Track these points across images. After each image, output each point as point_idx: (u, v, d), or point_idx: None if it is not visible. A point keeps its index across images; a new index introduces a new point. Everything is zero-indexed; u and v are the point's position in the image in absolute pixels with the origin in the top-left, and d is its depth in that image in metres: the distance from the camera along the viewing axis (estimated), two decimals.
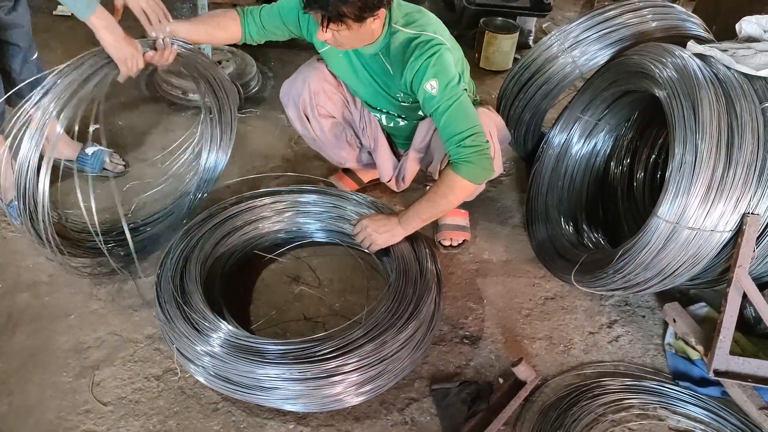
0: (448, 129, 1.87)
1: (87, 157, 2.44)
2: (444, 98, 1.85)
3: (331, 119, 2.24)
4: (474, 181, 1.89)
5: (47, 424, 1.64)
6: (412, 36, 1.88)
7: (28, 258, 2.09)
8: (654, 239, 1.79)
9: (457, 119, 1.86)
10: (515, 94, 2.50)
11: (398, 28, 1.88)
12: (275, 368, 1.63)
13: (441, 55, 1.85)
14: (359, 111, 2.26)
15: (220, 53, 3.13)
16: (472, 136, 1.85)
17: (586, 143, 2.38)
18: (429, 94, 1.85)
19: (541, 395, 1.83)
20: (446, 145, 1.90)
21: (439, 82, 1.84)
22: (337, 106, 2.22)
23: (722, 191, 1.73)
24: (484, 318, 2.06)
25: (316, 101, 2.16)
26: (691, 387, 1.86)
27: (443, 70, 1.85)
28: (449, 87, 1.85)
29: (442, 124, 1.88)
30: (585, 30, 2.36)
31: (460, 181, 1.88)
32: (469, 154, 1.85)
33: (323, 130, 2.23)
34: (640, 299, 2.19)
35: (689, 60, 1.89)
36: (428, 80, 1.84)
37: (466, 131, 1.85)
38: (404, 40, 1.88)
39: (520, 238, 2.41)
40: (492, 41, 3.42)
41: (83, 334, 1.87)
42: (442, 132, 1.89)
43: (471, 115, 1.89)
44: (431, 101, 1.86)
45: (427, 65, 1.84)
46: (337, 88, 2.20)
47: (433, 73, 1.84)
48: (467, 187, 1.90)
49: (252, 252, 2.14)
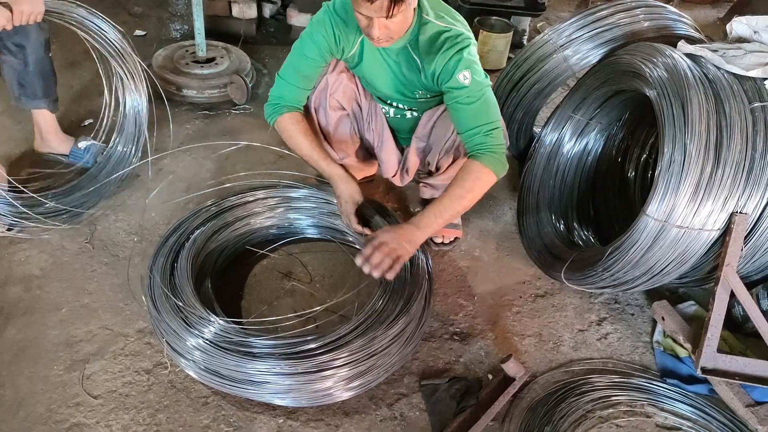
0: (474, 119, 1.88)
1: (80, 151, 2.44)
2: (475, 89, 1.86)
3: (340, 111, 2.22)
4: (497, 173, 1.87)
5: (37, 417, 1.64)
6: (443, 29, 1.88)
7: (20, 252, 2.09)
8: (643, 237, 1.80)
9: (486, 111, 1.88)
10: (508, 92, 2.51)
11: (429, 20, 1.88)
12: (265, 363, 1.64)
13: (471, 49, 1.88)
14: (368, 103, 2.25)
15: (214, 49, 3.13)
16: (497, 129, 1.88)
17: (577, 142, 2.39)
18: (461, 84, 1.85)
19: (530, 391, 1.84)
20: (468, 134, 1.89)
21: (472, 74, 1.85)
22: (349, 98, 2.21)
23: (711, 190, 1.74)
24: (475, 315, 2.07)
25: (331, 92, 2.15)
26: (679, 384, 1.88)
27: (473, 63, 1.87)
28: (480, 80, 1.87)
29: (469, 114, 1.88)
30: (577, 29, 2.37)
31: (487, 173, 1.85)
32: (495, 145, 1.86)
33: (329, 122, 2.22)
34: (630, 297, 2.20)
35: (679, 60, 1.90)
36: (461, 71, 1.84)
37: (492, 123, 1.87)
38: (434, 33, 1.88)
39: (512, 236, 2.43)
40: (486, 40, 3.44)
41: (74, 328, 1.87)
42: (466, 122, 1.89)
43: (496, 110, 1.92)
44: (461, 90, 1.86)
45: (460, 57, 1.84)
46: (351, 78, 2.19)
47: (466, 65, 1.85)
48: (491, 179, 1.87)
49: (244, 247, 2.15)
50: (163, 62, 3.01)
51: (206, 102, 2.97)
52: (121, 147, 2.41)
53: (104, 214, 2.28)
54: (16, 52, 2.18)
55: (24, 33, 2.12)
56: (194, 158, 2.61)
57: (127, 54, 2.26)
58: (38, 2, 1.98)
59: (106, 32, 2.22)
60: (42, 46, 2.20)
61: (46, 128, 2.42)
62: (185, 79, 2.94)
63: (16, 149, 2.53)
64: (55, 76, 2.34)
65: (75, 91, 2.92)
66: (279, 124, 2.04)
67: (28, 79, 2.25)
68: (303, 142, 2.03)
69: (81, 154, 2.44)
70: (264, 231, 2.18)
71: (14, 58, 2.19)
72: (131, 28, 3.53)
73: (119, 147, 2.41)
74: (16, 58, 2.19)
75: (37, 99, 2.31)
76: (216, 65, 3.04)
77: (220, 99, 2.98)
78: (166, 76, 2.93)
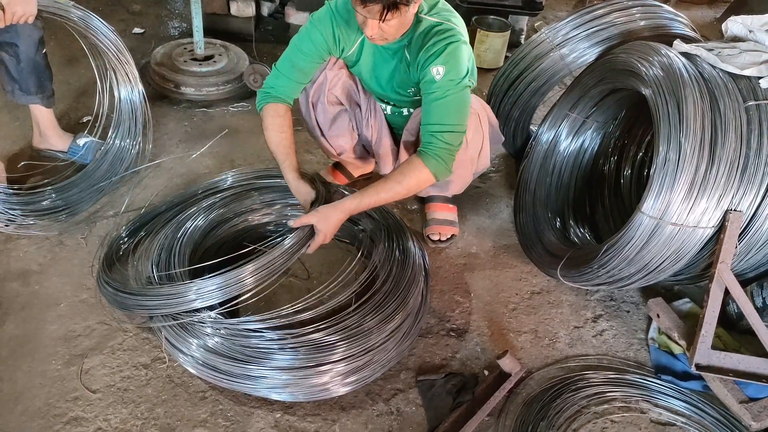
0: (433, 116, 1.86)
1: (78, 148, 2.45)
2: (444, 87, 1.84)
3: (338, 106, 2.23)
4: (437, 176, 1.86)
5: (36, 411, 1.65)
6: (435, 23, 1.88)
7: (19, 247, 2.10)
8: (638, 235, 1.81)
9: (447, 112, 1.86)
10: (505, 90, 2.52)
11: (423, 17, 1.89)
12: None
13: (457, 47, 1.86)
14: (367, 99, 2.26)
15: (212, 47, 3.14)
16: (453, 133, 1.86)
17: (574, 140, 2.40)
18: (431, 77, 1.84)
19: (526, 387, 1.85)
20: (424, 129, 1.88)
21: (446, 70, 1.83)
22: (348, 91, 2.21)
23: (705, 188, 1.76)
24: (471, 311, 2.08)
25: (329, 87, 2.15)
26: (674, 381, 1.89)
27: (454, 61, 1.84)
28: (453, 79, 1.84)
29: (430, 110, 1.87)
30: (574, 28, 2.38)
31: (425, 172, 1.85)
32: (442, 149, 1.85)
33: (327, 117, 2.23)
34: (625, 294, 2.22)
35: (675, 59, 1.91)
36: (436, 65, 1.83)
37: (449, 125, 1.85)
38: (426, 27, 1.88)
39: (508, 233, 2.44)
40: (484, 39, 3.45)
41: (73, 323, 1.88)
42: (425, 117, 1.88)
43: (461, 115, 1.89)
44: (431, 85, 1.85)
45: (440, 51, 1.84)
46: (351, 76, 2.19)
47: (443, 61, 1.83)
48: (427, 179, 1.86)
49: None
50: (162, 60, 3.02)
51: (204, 99, 2.97)
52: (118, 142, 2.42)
53: (102, 211, 2.29)
54: (8, 49, 2.18)
55: (16, 30, 2.12)
56: (192, 155, 2.62)
57: (119, 50, 2.27)
58: (31, 4, 1.99)
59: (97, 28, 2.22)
60: (35, 44, 2.20)
61: (45, 124, 2.43)
62: (183, 76, 2.95)
63: (15, 146, 2.54)
64: (50, 71, 2.34)
65: (73, 89, 2.93)
66: (263, 112, 2.05)
67: (21, 75, 2.25)
68: (272, 137, 2.02)
69: (79, 150, 2.44)
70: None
71: (6, 54, 2.20)
72: (129, 25, 3.53)
73: (117, 141, 2.42)
74: (8, 54, 2.20)
75: (30, 94, 2.31)
76: (214, 63, 3.05)
77: (219, 96, 2.99)
78: (164, 73, 2.94)
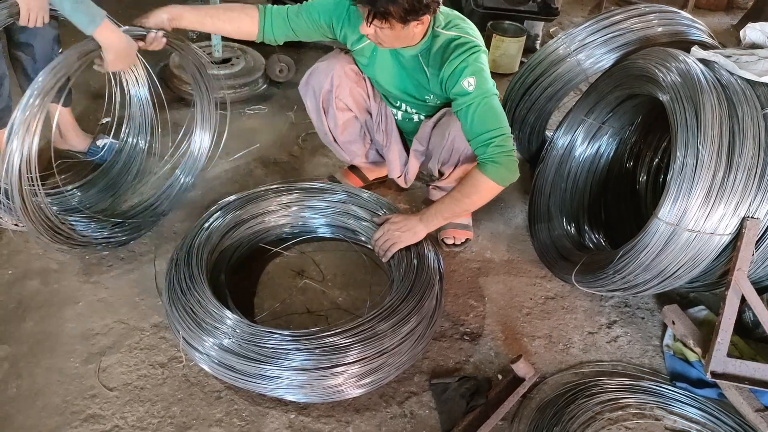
0: (477, 127, 1.90)
1: (98, 149, 2.48)
2: (479, 96, 1.88)
3: (348, 113, 2.25)
4: (500, 182, 1.91)
5: (54, 408, 1.67)
6: (453, 37, 1.92)
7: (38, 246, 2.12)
8: (654, 240, 1.81)
9: (489, 118, 1.90)
10: (520, 95, 2.52)
11: (440, 32, 1.92)
12: (277, 358, 1.66)
13: (479, 57, 1.91)
14: (378, 105, 2.28)
15: (229, 50, 3.17)
16: (501, 136, 1.89)
17: (589, 146, 2.40)
18: (465, 90, 1.88)
19: (539, 392, 1.85)
20: (474, 142, 1.92)
21: (477, 80, 1.87)
22: (357, 99, 2.24)
23: (722, 195, 1.75)
24: (485, 315, 2.08)
25: (337, 93, 2.17)
26: (688, 388, 1.88)
27: (480, 70, 1.89)
28: (485, 87, 1.89)
29: (472, 121, 1.91)
30: (591, 34, 2.38)
31: (487, 182, 1.90)
32: (497, 154, 1.88)
33: (338, 123, 2.25)
34: (640, 301, 2.21)
35: (693, 65, 1.91)
36: (466, 77, 1.87)
37: (495, 131, 1.89)
38: (444, 42, 1.92)
39: (523, 238, 2.44)
40: (499, 44, 3.46)
41: (91, 322, 1.90)
42: (470, 129, 1.92)
43: (501, 117, 1.92)
44: (465, 97, 1.89)
45: (466, 64, 1.88)
46: (359, 82, 2.21)
47: (472, 72, 1.88)
48: (493, 188, 1.92)
49: (258, 245, 2.18)
50: (180, 63, 3.05)
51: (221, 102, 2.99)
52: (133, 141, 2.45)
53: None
54: (25, 49, 2.20)
55: (32, 30, 2.14)
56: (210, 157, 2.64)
57: None
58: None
59: None
60: (51, 43, 2.22)
61: (65, 125, 2.46)
62: None
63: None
64: None
65: (93, 91, 2.97)
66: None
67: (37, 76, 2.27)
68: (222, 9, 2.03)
69: (99, 151, 2.47)
70: (278, 229, 2.21)
71: (23, 54, 2.21)
72: None
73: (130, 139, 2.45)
74: (25, 54, 2.21)
75: None
76: (231, 66, 3.07)
77: (235, 99, 3.02)
78: (182, 76, 2.97)
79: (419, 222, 2.00)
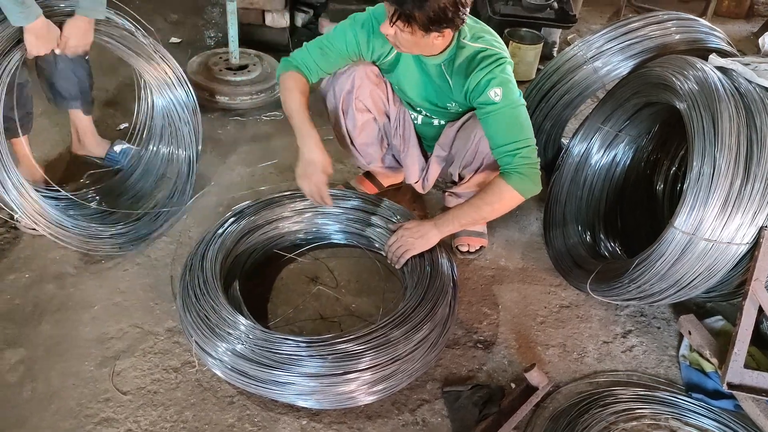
0: (503, 136, 1.89)
1: (115, 154, 2.50)
2: (506, 106, 1.88)
3: (367, 114, 2.24)
4: (523, 193, 1.90)
5: (68, 411, 1.69)
6: (479, 49, 1.91)
7: (55, 250, 2.15)
8: (670, 250, 1.79)
9: (515, 128, 1.90)
10: (537, 103, 2.52)
11: (466, 43, 1.92)
12: (290, 364, 1.66)
13: (505, 68, 1.90)
14: (397, 108, 2.27)
15: (246, 57, 3.19)
16: (527, 148, 1.89)
17: (606, 154, 2.38)
18: (491, 100, 1.87)
19: (553, 401, 1.84)
20: (499, 151, 1.91)
21: (504, 90, 1.87)
22: (376, 101, 2.23)
23: (740, 204, 1.73)
24: (499, 323, 2.07)
25: (357, 94, 2.17)
26: (705, 399, 1.86)
27: (507, 81, 1.89)
28: (511, 98, 1.88)
29: (498, 131, 1.90)
30: (608, 41, 2.37)
31: (510, 192, 1.89)
32: (522, 165, 1.88)
33: (356, 124, 2.24)
34: (656, 310, 2.19)
35: (710, 73, 1.89)
36: (493, 88, 1.87)
37: (521, 142, 1.88)
38: (470, 54, 1.91)
39: (537, 246, 2.43)
40: (516, 52, 3.44)
41: (106, 326, 1.92)
42: (497, 138, 1.91)
43: (528, 128, 1.92)
44: (491, 106, 1.88)
45: (493, 75, 1.87)
46: (379, 84, 2.20)
47: (498, 82, 1.87)
48: (515, 198, 1.91)
49: (272, 251, 2.19)
50: (198, 69, 3.08)
51: (238, 108, 3.03)
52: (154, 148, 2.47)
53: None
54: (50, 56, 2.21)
55: None
56: (226, 163, 2.67)
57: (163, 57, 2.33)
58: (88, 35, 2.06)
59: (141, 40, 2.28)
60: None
61: (83, 131, 2.49)
62: (218, 85, 3.00)
63: (54, 151, 2.60)
64: (92, 79, 2.38)
65: (111, 96, 3.01)
66: (282, 77, 2.06)
67: (61, 82, 2.29)
68: (296, 98, 2.01)
69: (117, 157, 2.50)
70: (292, 235, 2.22)
71: (48, 61, 2.23)
72: (167, 35, 3.61)
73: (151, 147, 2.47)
74: (49, 61, 2.23)
75: (70, 100, 2.36)
76: (248, 72, 3.10)
77: (252, 105, 3.04)
78: (199, 82, 3.00)
79: (433, 227, 1.99)
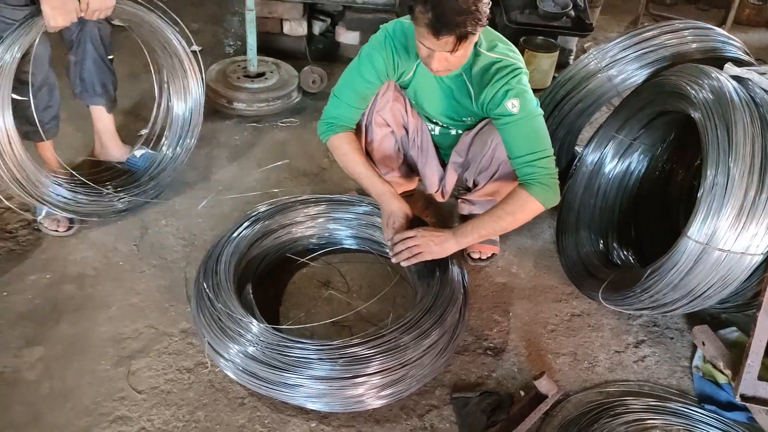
0: (522, 148, 1.89)
1: (136, 159, 2.55)
2: (523, 117, 1.88)
3: (386, 128, 2.25)
4: (545, 204, 1.90)
5: (84, 409, 1.72)
6: (495, 60, 1.92)
7: (76, 252, 2.20)
8: (683, 259, 1.78)
9: (533, 138, 1.90)
10: (550, 111, 2.52)
11: (482, 51, 1.92)
12: (301, 367, 1.68)
13: (521, 79, 1.90)
14: (415, 120, 2.28)
15: (264, 65, 3.24)
16: (547, 158, 1.89)
17: (620, 162, 2.38)
18: (509, 112, 1.87)
19: (562, 410, 1.83)
20: (518, 162, 1.91)
21: (521, 102, 1.87)
22: (396, 115, 2.24)
23: (754, 214, 1.72)
24: (509, 331, 2.07)
25: (377, 109, 2.18)
26: (717, 411, 1.84)
27: (524, 92, 1.89)
28: (529, 108, 1.89)
29: (516, 142, 1.90)
30: (623, 49, 2.37)
31: (533, 202, 1.89)
32: (544, 175, 1.88)
33: (375, 139, 2.25)
34: (669, 321, 2.17)
35: (725, 82, 1.88)
36: (510, 99, 1.87)
37: (540, 152, 1.88)
38: (486, 64, 1.92)
39: (550, 254, 2.42)
40: (531, 60, 3.45)
41: (122, 326, 1.96)
42: (516, 148, 1.91)
43: (546, 138, 1.92)
44: (509, 117, 1.88)
45: (509, 87, 1.87)
46: (398, 98, 2.21)
47: (515, 94, 1.87)
48: (537, 208, 1.90)
49: (284, 255, 2.21)
50: (216, 76, 3.13)
51: (255, 114, 3.07)
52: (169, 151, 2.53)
53: (154, 219, 2.38)
54: (77, 50, 2.27)
55: (86, 31, 2.21)
56: (241, 168, 2.71)
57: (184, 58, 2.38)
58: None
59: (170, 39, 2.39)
60: (103, 45, 2.29)
61: (106, 135, 2.54)
62: (236, 92, 3.05)
63: (77, 156, 2.65)
64: (115, 76, 2.43)
65: (133, 102, 3.06)
66: (332, 142, 2.09)
67: (87, 75, 2.34)
68: (358, 160, 2.07)
69: (137, 162, 2.54)
70: (305, 240, 2.24)
71: (76, 55, 2.28)
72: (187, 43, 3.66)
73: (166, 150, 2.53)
74: (77, 55, 2.28)
75: (96, 95, 2.40)
76: (265, 80, 3.14)
77: (268, 112, 3.08)
78: (218, 89, 3.05)
79: (452, 236, 1.96)
